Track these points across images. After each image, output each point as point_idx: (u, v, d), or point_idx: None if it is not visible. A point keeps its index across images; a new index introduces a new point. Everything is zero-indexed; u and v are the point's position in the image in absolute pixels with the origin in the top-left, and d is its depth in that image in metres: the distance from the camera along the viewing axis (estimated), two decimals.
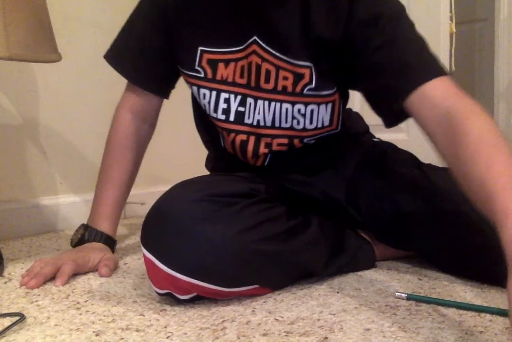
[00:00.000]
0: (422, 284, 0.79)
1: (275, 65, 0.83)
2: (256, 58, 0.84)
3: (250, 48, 0.84)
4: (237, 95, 0.86)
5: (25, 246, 1.15)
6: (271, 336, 0.60)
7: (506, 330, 0.60)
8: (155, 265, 0.68)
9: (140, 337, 0.61)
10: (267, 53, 0.83)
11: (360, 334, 0.60)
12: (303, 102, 0.85)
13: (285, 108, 0.85)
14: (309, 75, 0.82)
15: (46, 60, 0.96)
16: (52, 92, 1.36)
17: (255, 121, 0.86)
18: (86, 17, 1.43)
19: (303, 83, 0.83)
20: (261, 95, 0.85)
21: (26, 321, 0.66)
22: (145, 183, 1.53)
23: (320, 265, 0.82)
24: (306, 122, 0.86)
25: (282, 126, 0.86)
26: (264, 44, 0.83)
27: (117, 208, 0.99)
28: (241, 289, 0.72)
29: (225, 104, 0.87)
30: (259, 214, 0.74)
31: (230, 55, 0.85)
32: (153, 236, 0.70)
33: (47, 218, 1.33)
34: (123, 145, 0.98)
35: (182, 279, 0.67)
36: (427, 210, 0.82)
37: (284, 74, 0.83)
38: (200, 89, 0.88)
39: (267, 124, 0.86)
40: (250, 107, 0.86)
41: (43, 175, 1.35)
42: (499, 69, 2.11)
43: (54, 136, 1.38)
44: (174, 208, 0.69)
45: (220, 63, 0.86)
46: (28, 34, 0.89)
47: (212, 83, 0.87)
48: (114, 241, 0.98)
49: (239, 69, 0.85)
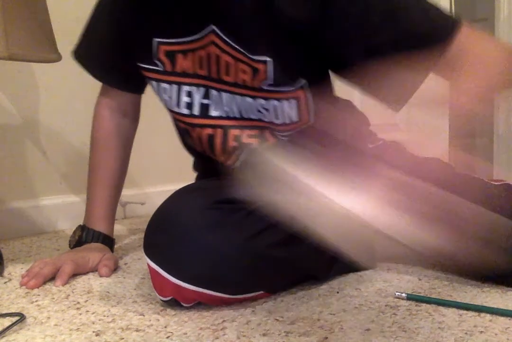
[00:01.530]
0: (422, 284, 0.79)
1: (234, 57, 0.77)
2: (215, 49, 0.78)
3: (207, 38, 0.78)
4: (199, 87, 0.82)
5: (25, 246, 1.15)
6: (271, 336, 0.60)
7: (506, 330, 0.60)
8: (161, 275, 0.67)
9: (140, 337, 0.61)
10: (225, 44, 0.77)
11: (360, 334, 0.60)
12: (263, 97, 0.79)
13: (248, 102, 0.80)
14: (264, 71, 0.76)
15: (46, 60, 0.96)
16: (52, 92, 1.36)
17: (223, 113, 0.82)
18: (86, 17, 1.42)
19: (260, 79, 0.77)
20: (224, 87, 0.80)
21: (26, 321, 0.66)
22: (145, 183, 1.53)
23: (323, 268, 0.81)
24: (272, 117, 0.81)
25: (251, 118, 0.81)
26: (222, 34, 0.77)
27: (111, 207, 0.98)
28: (247, 295, 0.71)
29: (187, 97, 0.83)
30: (263, 219, 0.73)
31: (187, 45, 0.80)
32: (158, 245, 0.69)
33: (47, 218, 1.33)
34: (106, 142, 0.98)
35: (189, 289, 0.66)
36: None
37: (242, 67, 0.77)
38: (160, 84, 0.84)
39: (235, 115, 0.82)
40: (215, 99, 0.82)
41: (43, 175, 1.35)
42: None
43: (54, 136, 1.38)
44: (178, 216, 0.68)
45: (178, 54, 0.81)
46: (28, 34, 0.89)
47: (172, 76, 0.82)
48: (112, 240, 0.98)
49: (197, 60, 0.80)
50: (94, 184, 0.98)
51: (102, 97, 0.99)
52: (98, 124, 0.99)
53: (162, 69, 0.83)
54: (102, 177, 0.97)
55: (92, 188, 0.98)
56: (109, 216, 0.98)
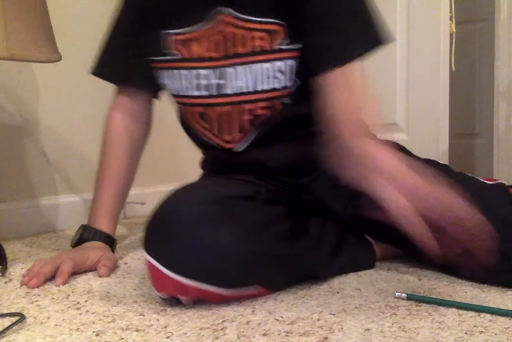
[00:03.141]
0: (422, 284, 0.79)
1: (248, 28, 0.85)
2: (227, 27, 0.85)
3: (217, 19, 0.86)
4: (216, 69, 0.87)
5: (25, 246, 1.15)
6: (271, 336, 0.60)
7: (506, 330, 0.60)
8: (160, 271, 0.67)
9: (140, 337, 0.61)
10: (238, 19, 0.85)
11: (360, 334, 0.60)
12: (281, 59, 0.85)
13: (266, 68, 0.86)
14: (282, 31, 0.85)
15: (46, 60, 0.96)
16: (52, 92, 1.36)
17: (237, 89, 0.87)
18: (86, 17, 1.43)
19: (279, 39, 0.85)
20: (240, 60, 0.86)
21: (26, 321, 0.66)
22: (145, 183, 1.53)
23: (321, 266, 0.81)
24: (287, 80, 0.86)
25: (265, 89, 0.87)
26: (234, 11, 0.85)
27: (115, 207, 0.99)
28: (242, 290, 0.71)
29: (205, 80, 0.88)
30: (264, 215, 0.74)
31: (200, 32, 0.87)
32: (157, 241, 0.69)
33: (47, 218, 1.33)
34: (115, 144, 0.99)
35: (188, 284, 0.67)
36: None
37: (259, 35, 0.85)
38: (179, 71, 0.89)
39: (249, 90, 0.87)
40: (230, 77, 0.87)
41: (43, 175, 1.35)
42: (499, 69, 2.11)
43: (54, 136, 1.38)
44: (178, 213, 0.69)
45: (192, 42, 0.88)
46: (28, 34, 0.89)
47: (189, 62, 0.89)
48: (113, 240, 0.98)
49: (213, 44, 0.87)
50: (101, 183, 0.98)
51: (114, 102, 1.02)
52: (109, 126, 1.01)
53: (179, 57, 0.89)
54: (109, 177, 0.98)
55: (98, 187, 0.99)
56: (112, 216, 0.98)
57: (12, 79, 1.28)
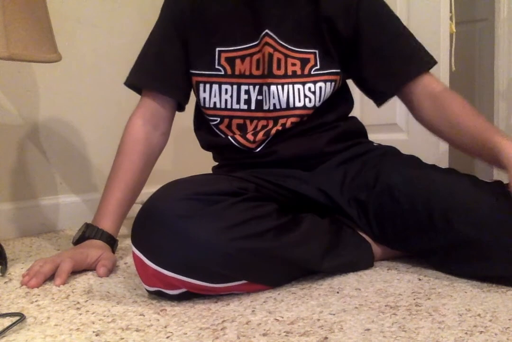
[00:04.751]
0: (422, 284, 0.79)
1: (284, 54, 0.94)
2: (269, 49, 0.94)
3: (263, 40, 0.94)
4: (255, 86, 0.95)
5: (25, 246, 1.15)
6: (271, 336, 0.60)
7: (506, 330, 0.60)
8: (144, 262, 0.70)
9: (140, 337, 0.61)
10: (277, 44, 0.94)
11: (360, 334, 0.60)
12: (312, 82, 0.94)
13: (297, 88, 0.94)
14: (313, 59, 0.95)
15: (46, 60, 0.96)
16: (52, 92, 1.36)
17: (271, 106, 0.95)
18: (86, 17, 1.43)
19: (310, 66, 0.95)
20: (275, 81, 0.94)
21: (26, 321, 0.66)
22: None
23: (314, 261, 0.81)
24: (316, 100, 0.95)
25: (296, 106, 0.94)
26: (276, 36, 0.94)
27: (121, 209, 0.99)
28: (229, 284, 0.72)
29: (245, 95, 0.96)
30: (246, 211, 0.74)
31: (246, 51, 0.95)
32: (141, 234, 0.71)
33: (47, 218, 1.33)
34: (131, 148, 1.02)
35: (170, 276, 0.68)
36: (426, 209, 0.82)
37: (292, 61, 0.94)
38: (222, 86, 0.96)
39: (283, 107, 0.94)
40: (266, 94, 0.95)
41: (43, 175, 1.35)
42: (499, 69, 2.10)
43: (54, 136, 1.38)
44: (159, 207, 0.70)
45: (237, 60, 0.95)
46: (28, 34, 0.89)
47: (232, 78, 0.96)
48: (115, 240, 0.98)
49: (255, 62, 0.95)
50: (111, 184, 1.00)
51: (138, 108, 1.04)
52: (128, 130, 1.03)
53: (223, 73, 0.96)
54: (119, 179, 1.00)
55: (107, 188, 1.00)
56: (116, 217, 0.99)
57: (12, 79, 1.28)
